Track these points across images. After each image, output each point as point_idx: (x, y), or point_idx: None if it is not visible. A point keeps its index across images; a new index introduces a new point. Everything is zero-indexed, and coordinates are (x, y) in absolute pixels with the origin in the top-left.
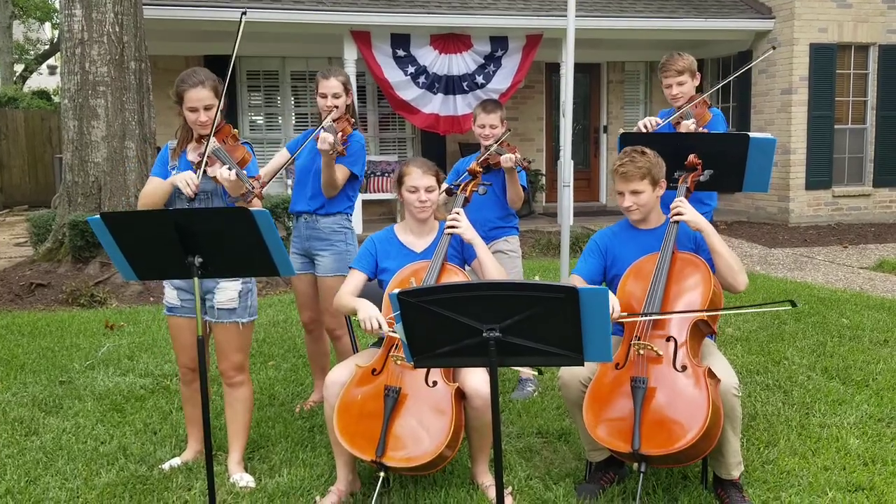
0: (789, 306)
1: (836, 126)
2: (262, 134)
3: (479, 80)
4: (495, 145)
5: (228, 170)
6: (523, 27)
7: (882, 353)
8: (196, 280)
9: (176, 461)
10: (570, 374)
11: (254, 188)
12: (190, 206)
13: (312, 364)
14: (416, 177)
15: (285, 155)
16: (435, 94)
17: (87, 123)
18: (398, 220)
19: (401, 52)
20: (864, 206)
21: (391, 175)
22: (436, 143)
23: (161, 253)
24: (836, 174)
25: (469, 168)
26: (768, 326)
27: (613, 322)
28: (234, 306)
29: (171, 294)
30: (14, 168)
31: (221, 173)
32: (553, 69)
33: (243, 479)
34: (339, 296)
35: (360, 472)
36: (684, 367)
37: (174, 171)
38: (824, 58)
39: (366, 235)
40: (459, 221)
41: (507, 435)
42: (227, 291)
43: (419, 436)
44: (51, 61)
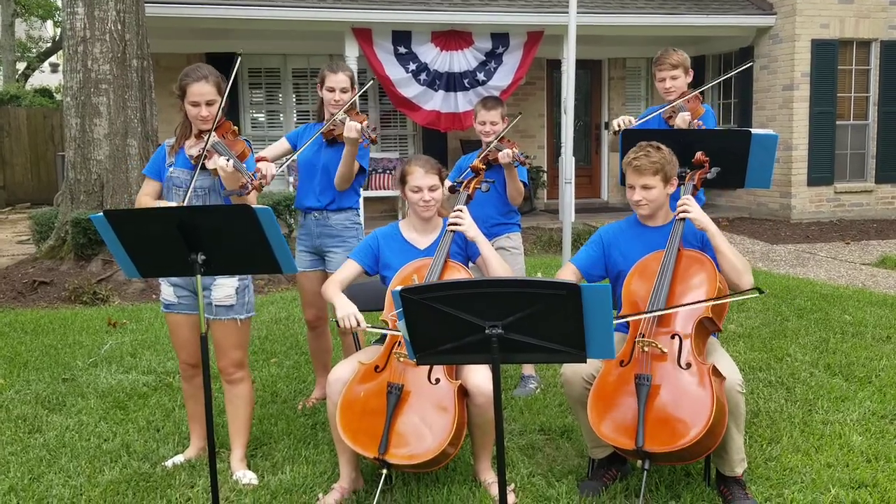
0: (757, 294)
1: (837, 122)
2: (264, 131)
3: (481, 77)
4: (495, 141)
5: (227, 161)
6: (524, 24)
7: (885, 350)
8: (198, 277)
9: (179, 458)
10: (572, 371)
11: (251, 181)
12: (188, 203)
13: (315, 361)
14: (418, 177)
15: (285, 145)
16: (436, 91)
17: (89, 121)
18: (400, 217)
19: (402, 49)
20: (866, 203)
21: (393, 172)
22: (437, 140)
23: (164, 250)
24: (837, 170)
25: (472, 165)
26: (771, 323)
27: (619, 322)
28: (231, 303)
29: (168, 291)
30: (17, 166)
31: (219, 163)
32: (554, 66)
33: (246, 476)
34: (327, 284)
35: (363, 470)
36: (689, 365)
37: (171, 168)
38: (826, 54)
39: (368, 233)
40: (462, 219)
41: (509, 432)
42: (224, 288)
43: (422, 433)
44: (53, 59)
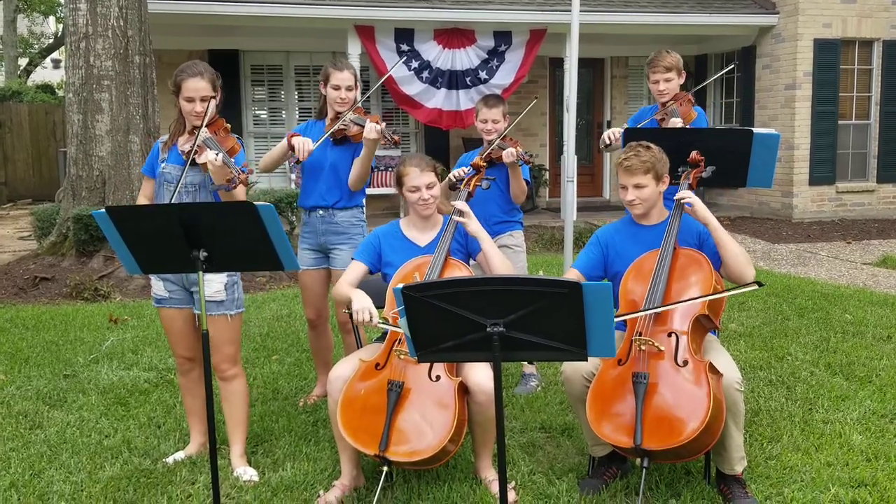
0: (756, 287)
1: (839, 122)
2: (266, 128)
3: (483, 75)
4: (498, 139)
5: (216, 155)
6: (527, 22)
7: (885, 349)
8: (200, 274)
9: (180, 455)
10: (573, 369)
11: (239, 175)
12: (177, 199)
13: (316, 358)
14: (414, 176)
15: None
16: (438, 88)
17: (91, 117)
18: (402, 214)
19: (404, 47)
20: (868, 202)
21: (394, 170)
22: (439, 138)
23: (165, 247)
24: (839, 170)
25: (472, 163)
26: (771, 322)
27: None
28: (221, 298)
29: (158, 285)
30: (18, 162)
31: (209, 157)
32: (557, 64)
33: (247, 472)
34: (338, 285)
35: (364, 467)
36: (685, 363)
37: (164, 164)
38: (828, 53)
39: (369, 231)
40: (466, 213)
41: (510, 430)
42: (212, 284)
43: (422, 430)
44: (55, 55)
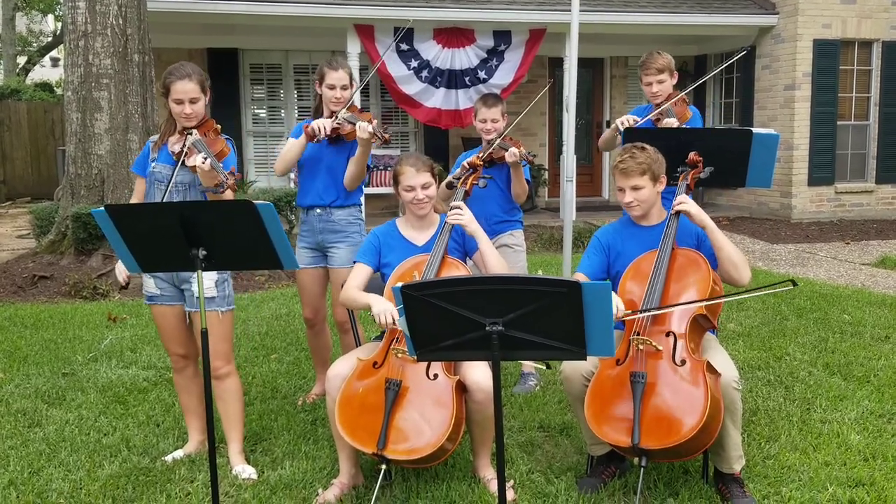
0: (791, 286)
1: (839, 122)
2: (265, 127)
3: (482, 74)
4: (498, 140)
5: (204, 159)
6: (527, 21)
7: (883, 350)
8: (200, 273)
9: (179, 453)
10: (572, 369)
11: (227, 180)
12: (167, 199)
13: (314, 357)
14: (410, 176)
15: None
16: (437, 88)
17: (90, 116)
18: (401, 214)
19: (404, 46)
20: (867, 203)
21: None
22: (438, 138)
23: (165, 245)
24: (838, 170)
25: (469, 161)
26: (770, 322)
27: (616, 320)
28: (212, 295)
29: (150, 283)
30: (17, 160)
31: (196, 160)
32: (556, 64)
33: (245, 471)
34: (347, 290)
35: (363, 466)
36: (683, 362)
37: (154, 163)
38: (828, 54)
39: (368, 230)
40: (463, 213)
41: (508, 429)
42: (204, 280)
43: (420, 428)
44: (54, 53)
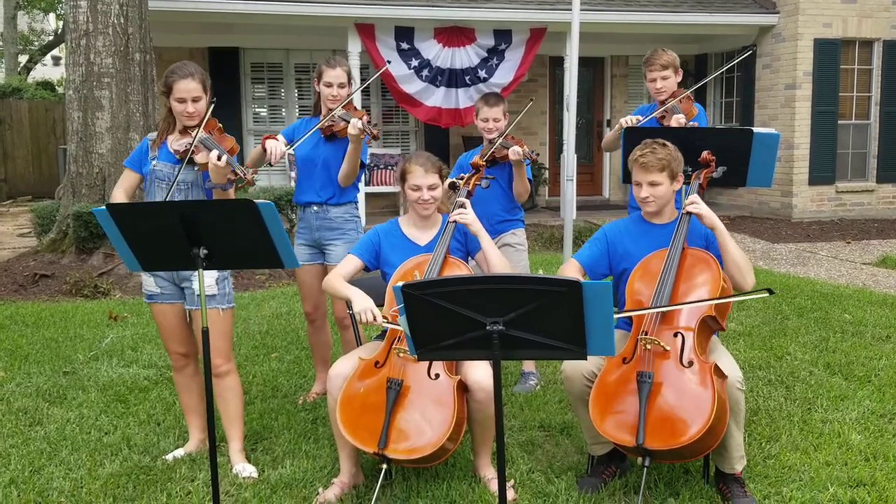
0: (766, 294)
1: (839, 122)
2: (266, 126)
3: (482, 74)
4: (501, 139)
5: (219, 156)
6: (527, 20)
7: (884, 349)
8: (201, 272)
9: (179, 452)
10: (573, 368)
11: (245, 175)
12: (170, 198)
13: (315, 356)
14: (418, 175)
15: (280, 140)
16: (438, 87)
17: (91, 114)
18: (401, 212)
19: (405, 46)
20: (868, 202)
21: (394, 168)
22: (439, 137)
23: (166, 244)
24: (839, 170)
25: (472, 161)
26: (771, 322)
27: (620, 317)
28: (213, 292)
29: (149, 281)
30: (18, 158)
31: (211, 158)
32: (557, 63)
33: (246, 469)
34: (331, 278)
35: (363, 465)
36: (691, 363)
37: (154, 162)
38: (828, 53)
39: (367, 228)
40: (467, 212)
41: (509, 428)
42: (205, 278)
43: (421, 428)
44: (55, 52)
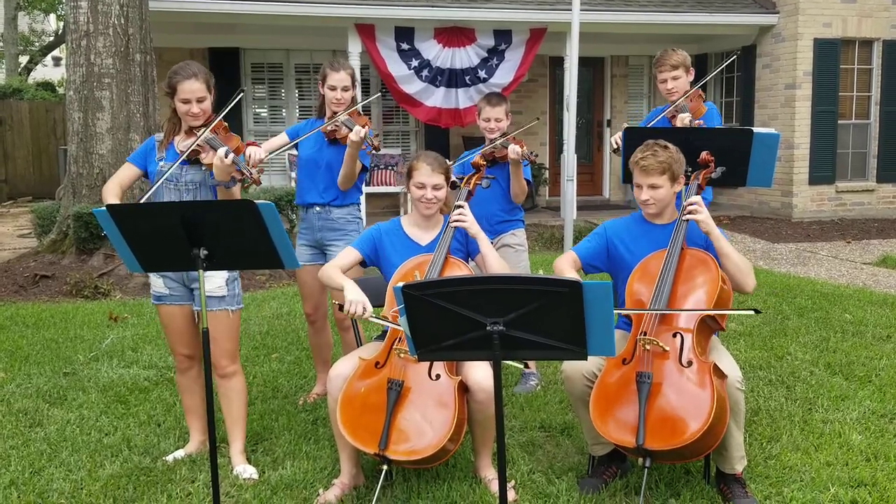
0: (752, 313)
1: (839, 121)
2: (266, 126)
3: (482, 74)
4: (501, 138)
5: (225, 154)
6: (527, 21)
7: (885, 349)
8: (201, 272)
9: (179, 453)
10: (573, 368)
11: (251, 174)
12: (180, 199)
13: (315, 356)
14: (424, 174)
15: (283, 139)
16: (438, 87)
17: (91, 115)
18: (402, 213)
19: (405, 46)
20: (868, 202)
21: (395, 168)
22: (439, 137)
23: (166, 245)
24: (839, 169)
25: (473, 161)
26: (771, 322)
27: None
28: (222, 294)
29: (158, 283)
30: (18, 159)
31: (219, 154)
32: (557, 63)
33: (246, 471)
34: (327, 268)
35: (364, 466)
36: (690, 363)
37: (161, 163)
38: (828, 53)
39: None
40: (465, 216)
41: (509, 429)
42: (214, 279)
43: (422, 429)
44: (56, 53)
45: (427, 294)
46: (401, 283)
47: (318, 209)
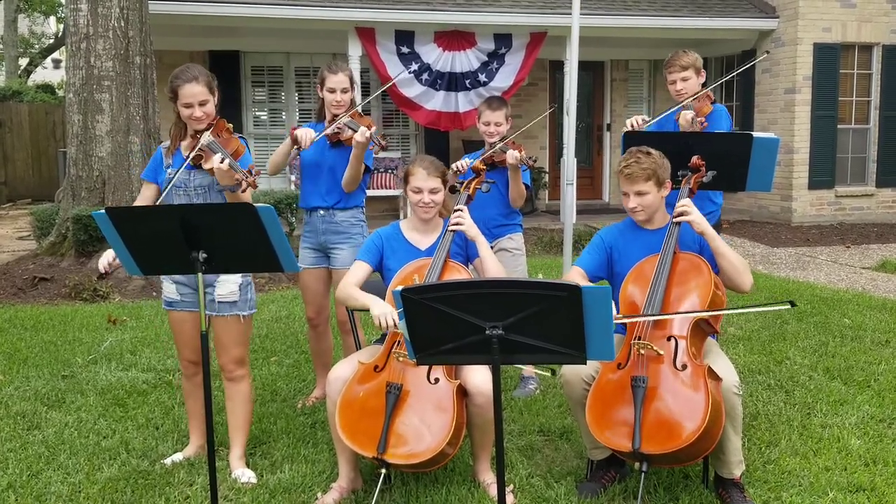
0: (789, 306)
1: (839, 126)
2: (266, 129)
3: (482, 77)
4: (500, 142)
5: (221, 160)
6: (527, 25)
7: (884, 354)
8: (199, 275)
9: (178, 456)
10: (572, 372)
11: (246, 178)
12: (188, 201)
13: (315, 360)
14: (420, 178)
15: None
16: (437, 90)
17: (91, 118)
18: (401, 216)
19: (405, 49)
20: (867, 206)
21: (395, 171)
22: (439, 140)
23: (165, 248)
24: (839, 174)
25: (472, 166)
26: (770, 326)
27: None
28: (234, 299)
29: (170, 289)
30: (18, 161)
31: (214, 161)
32: (557, 67)
33: (245, 474)
34: (345, 287)
35: (362, 469)
36: (684, 366)
37: (169, 170)
38: (828, 57)
39: (369, 231)
40: (463, 219)
41: (508, 433)
42: (227, 285)
43: (421, 433)
44: (55, 55)
45: (426, 298)
46: (400, 287)
47: (321, 212)
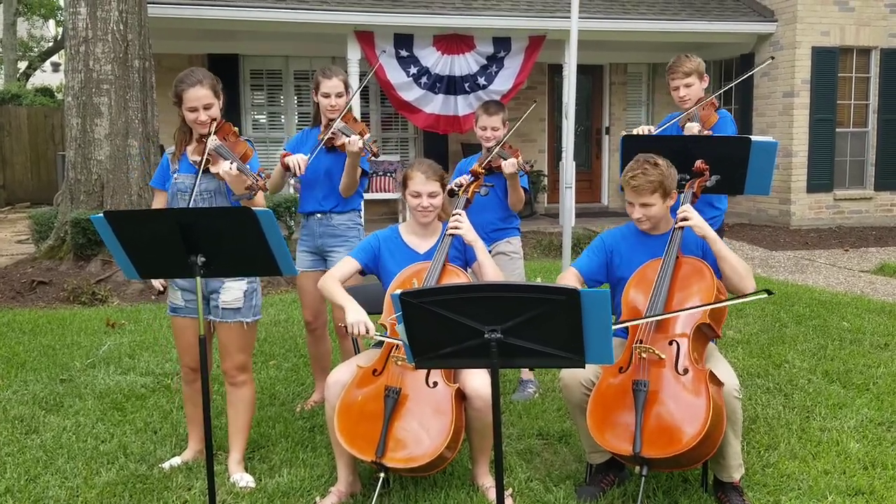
0: (765, 294)
1: (837, 129)
2: (265, 133)
3: (481, 81)
4: (497, 148)
5: (230, 165)
6: (526, 28)
7: (883, 357)
8: (198, 279)
9: (176, 461)
10: (571, 376)
11: (257, 181)
12: (194, 206)
13: (314, 364)
14: (418, 182)
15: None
16: (436, 94)
17: (90, 121)
18: (400, 220)
19: (404, 53)
20: (866, 210)
21: (393, 175)
22: (438, 143)
23: (164, 252)
24: (837, 177)
25: (471, 170)
26: (769, 329)
27: (617, 328)
28: (238, 306)
29: (176, 295)
30: (17, 165)
31: (223, 167)
32: (556, 70)
33: (243, 479)
34: (328, 279)
35: (361, 473)
36: (686, 371)
37: (175, 175)
38: (826, 61)
39: (367, 235)
40: (461, 223)
41: (507, 436)
42: (232, 291)
43: (419, 437)
44: (54, 58)
45: (425, 302)
46: (398, 291)
47: (318, 216)
